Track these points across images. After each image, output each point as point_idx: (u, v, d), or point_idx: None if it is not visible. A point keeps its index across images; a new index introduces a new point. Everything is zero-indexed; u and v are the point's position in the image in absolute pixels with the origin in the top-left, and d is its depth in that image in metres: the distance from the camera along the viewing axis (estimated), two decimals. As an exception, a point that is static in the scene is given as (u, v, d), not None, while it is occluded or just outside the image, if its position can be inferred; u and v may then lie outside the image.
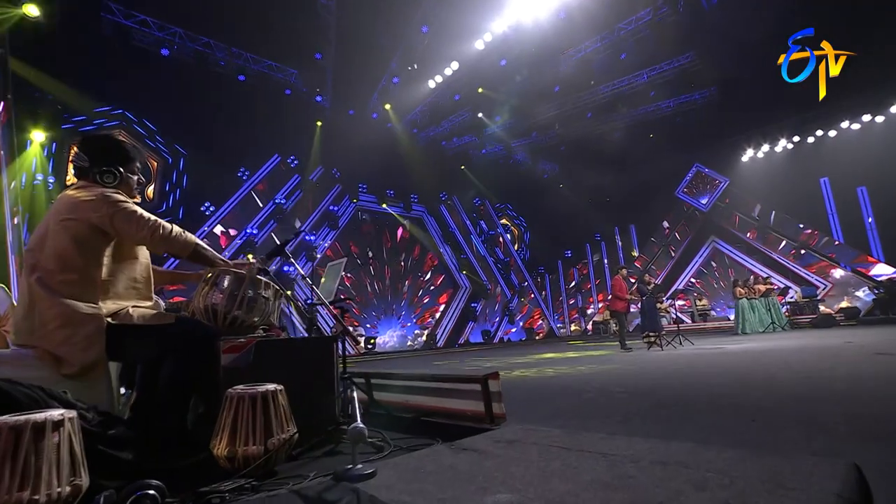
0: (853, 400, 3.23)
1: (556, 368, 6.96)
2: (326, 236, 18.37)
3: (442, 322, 20.86)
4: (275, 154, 16.81)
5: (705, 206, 21.38)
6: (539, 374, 6.28)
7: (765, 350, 7.47)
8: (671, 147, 20.27)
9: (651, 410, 3.41)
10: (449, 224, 22.06)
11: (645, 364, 6.79)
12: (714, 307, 20.47)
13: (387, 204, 20.33)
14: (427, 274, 21.28)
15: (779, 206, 19.19)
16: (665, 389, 4.35)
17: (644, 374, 5.60)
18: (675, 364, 6.40)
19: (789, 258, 18.86)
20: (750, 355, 6.82)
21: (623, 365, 6.89)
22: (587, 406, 3.71)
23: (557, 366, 7.42)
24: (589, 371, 6.34)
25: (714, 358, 6.81)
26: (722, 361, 6.24)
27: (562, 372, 6.40)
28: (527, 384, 5.39)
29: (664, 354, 8.31)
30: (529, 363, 8.41)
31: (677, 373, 5.46)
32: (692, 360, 6.69)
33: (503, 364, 8.62)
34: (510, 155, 22.20)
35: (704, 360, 6.68)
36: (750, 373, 4.97)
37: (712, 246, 21.31)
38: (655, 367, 6.31)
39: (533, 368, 7.21)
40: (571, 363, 7.85)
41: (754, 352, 7.35)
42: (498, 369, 6.53)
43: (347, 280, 18.70)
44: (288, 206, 17.06)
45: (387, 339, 19.76)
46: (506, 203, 25.45)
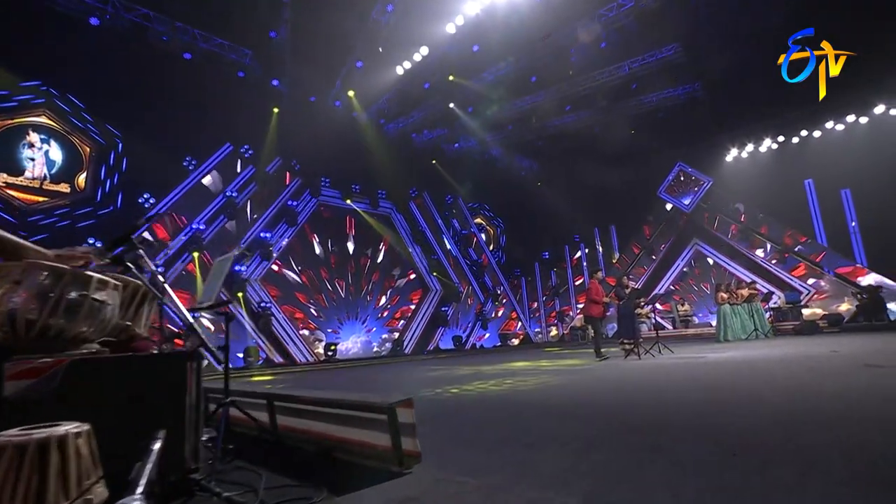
0: (846, 423, 2.87)
1: (522, 380, 6.53)
2: (284, 233, 17.64)
3: (410, 327, 20.32)
4: (226, 143, 16.01)
5: (688, 206, 21.41)
6: (499, 388, 5.83)
7: (748, 360, 7.20)
8: (653, 144, 20.23)
9: (617, 436, 2.98)
10: (419, 222, 21.55)
11: (619, 376, 6.42)
12: (696, 313, 20.44)
13: (351, 200, 19.69)
14: (395, 276, 20.72)
15: (763, 208, 19.29)
16: (637, 408, 3.95)
17: (616, 389, 5.21)
18: (650, 376, 6.04)
19: (773, 262, 18.94)
20: (732, 366, 6.52)
21: (595, 377, 6.51)
22: (543, 431, 3.26)
23: (524, 377, 7.00)
24: (556, 384, 5.92)
25: (693, 369, 6.48)
26: (701, 374, 5.90)
27: (525, 385, 5.97)
28: (481, 401, 4.93)
29: (640, 364, 8.00)
30: (494, 374, 7.98)
31: (652, 387, 5.08)
32: (670, 372, 6.35)
33: (465, 374, 8.16)
34: (485, 150, 21.82)
35: (683, 371, 6.34)
36: (732, 388, 4.61)
37: (695, 248, 21.38)
38: (629, 379, 5.94)
39: (495, 380, 6.77)
40: (540, 374, 7.44)
41: (736, 362, 7.06)
42: (454, 382, 6.03)
43: (304, 276, 18.00)
44: (241, 200, 16.28)
45: (350, 345, 19.11)
46: (481, 201, 25.05)
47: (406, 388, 6.86)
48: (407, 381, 8.23)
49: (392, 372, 10.83)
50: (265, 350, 16.00)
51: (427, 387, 6.71)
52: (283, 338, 16.75)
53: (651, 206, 22.42)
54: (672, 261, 21.69)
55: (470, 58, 15.47)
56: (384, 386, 7.71)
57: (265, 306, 16.27)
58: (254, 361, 15.17)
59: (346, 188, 19.62)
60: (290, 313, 17.26)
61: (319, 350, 17.47)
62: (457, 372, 9.14)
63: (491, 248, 25.65)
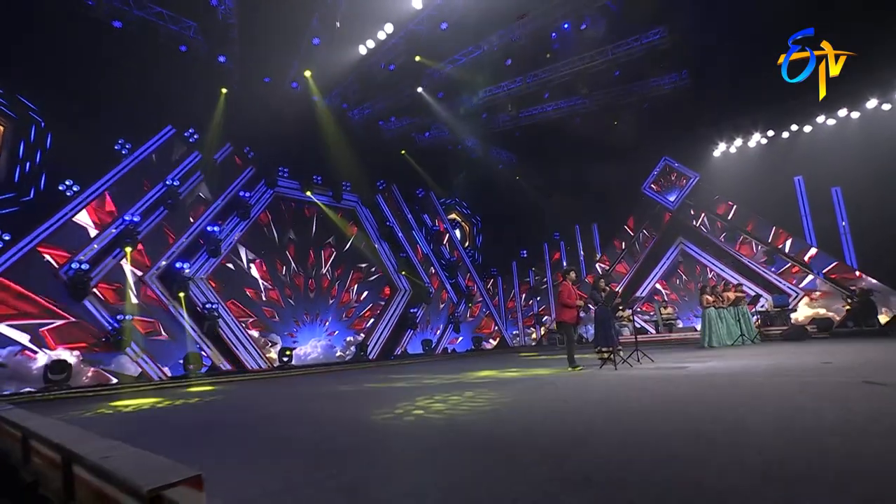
0: (858, 474, 2.22)
1: (472, 398, 5.83)
2: (235, 227, 16.69)
3: (376, 330, 19.56)
4: (167, 125, 14.98)
5: (673, 203, 21.06)
6: (441, 410, 5.12)
7: (732, 374, 6.64)
8: (637, 137, 19.78)
9: (560, 494, 2.28)
10: (387, 217, 20.76)
11: (587, 392, 5.79)
12: (680, 316, 20.10)
13: (312, 192, 18.82)
14: (360, 274, 19.92)
15: (751, 206, 19.00)
16: (594, 444, 3.28)
17: (578, 411, 4.57)
18: (620, 395, 5.41)
19: (760, 263, 18.69)
20: (715, 381, 5.95)
21: (559, 395, 5.86)
22: (459, 481, 2.55)
23: (479, 391, 6.30)
24: (511, 403, 5.24)
25: (670, 386, 5.88)
26: (679, 393, 5.30)
27: (472, 405, 5.27)
28: (405, 431, 4.22)
29: (615, 376, 7.42)
30: (446, 386, 7.27)
31: (620, 412, 4.44)
32: (644, 389, 5.73)
33: (416, 386, 7.43)
34: (458, 140, 21.11)
35: (659, 388, 5.73)
36: (712, 414, 3.97)
37: (679, 248, 21.05)
38: (597, 398, 5.30)
39: (441, 395, 6.05)
40: (499, 387, 6.77)
41: (720, 375, 6.50)
42: (395, 400, 5.28)
43: (258, 274, 17.10)
44: (184, 190, 15.28)
45: (309, 349, 18.29)
46: (455, 196, 24.37)
47: (331, 412, 6.13)
48: (345, 398, 7.51)
49: (342, 381, 10.06)
50: (210, 356, 15.10)
51: (361, 406, 5.98)
52: (231, 342, 15.85)
53: (635, 203, 22.01)
54: (656, 261, 21.34)
55: (439, 38, 14.74)
56: (304, 406, 6.96)
57: (211, 307, 15.34)
58: (195, 369, 14.27)
59: (307, 179, 18.75)
60: (240, 315, 16.39)
61: (272, 355, 16.61)
62: (409, 384, 8.41)
63: (466, 246, 25.03)
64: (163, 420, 6.35)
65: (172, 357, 14.32)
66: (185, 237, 15.34)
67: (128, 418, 6.72)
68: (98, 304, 12.70)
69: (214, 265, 16.03)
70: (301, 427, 4.92)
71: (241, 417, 6.08)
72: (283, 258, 17.81)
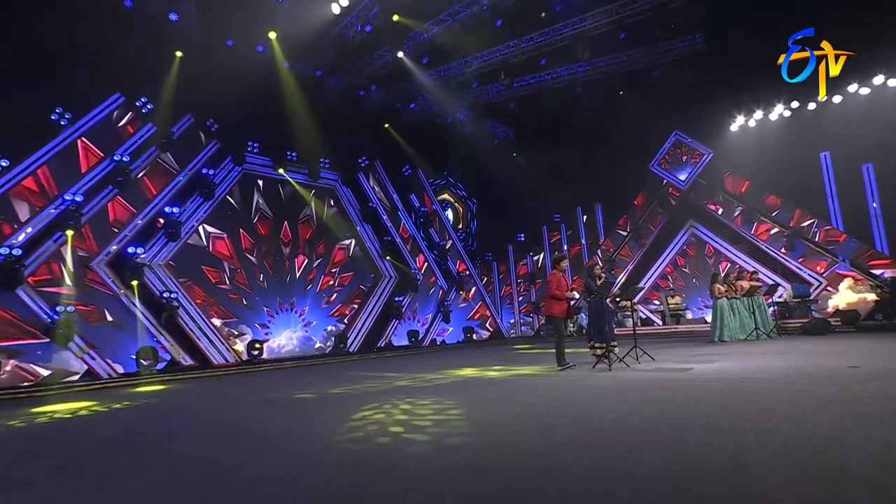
0: None
1: (426, 407, 5.06)
2: (198, 209, 15.87)
3: (357, 321, 18.83)
4: (115, 93, 14.06)
5: (684, 182, 20.14)
6: (391, 429, 4.33)
7: (742, 378, 5.94)
8: (645, 108, 18.76)
9: None
10: (369, 197, 19.90)
11: (566, 402, 5.13)
12: (690, 306, 19.42)
13: (285, 169, 17.95)
14: (340, 260, 19.16)
15: (771, 186, 18.08)
16: (549, 490, 2.49)
17: (545, 432, 3.91)
18: (605, 409, 4.69)
19: (780, 249, 17.88)
20: (720, 391, 5.24)
21: (531, 405, 5.16)
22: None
23: (442, 398, 5.53)
24: (476, 418, 4.46)
25: (667, 396, 5.16)
26: (675, 408, 4.59)
27: (416, 420, 4.48)
28: (334, 463, 3.45)
29: (607, 379, 6.74)
30: (417, 389, 6.52)
31: (596, 437, 3.69)
32: (635, 401, 5.02)
33: (378, 391, 6.66)
34: (447, 113, 20.14)
35: (653, 400, 5.01)
36: (711, 441, 3.17)
37: (690, 231, 20.22)
38: (576, 412, 4.64)
39: (405, 404, 5.28)
40: (468, 390, 6.11)
41: (728, 381, 5.82)
42: (348, 411, 4.48)
43: (225, 260, 16.35)
44: (136, 167, 14.42)
45: (283, 341, 17.66)
46: (447, 174, 23.48)
47: (264, 426, 5.40)
48: (296, 407, 6.80)
49: (306, 381, 9.33)
50: (169, 350, 14.40)
51: (303, 420, 5.25)
52: (194, 334, 15.15)
53: (642, 182, 21.12)
54: (664, 245, 20.53)
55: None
56: (242, 415, 6.23)
57: (170, 296, 14.59)
58: (151, 365, 13.59)
59: (280, 155, 17.89)
60: (204, 304, 15.68)
61: (239, 347, 15.94)
62: (378, 386, 7.65)
63: (461, 227, 24.23)
64: (68, 434, 5.64)
65: (125, 352, 13.64)
66: (140, 219, 14.53)
67: (24, 433, 5.98)
68: (35, 294, 11.94)
69: (174, 250, 15.25)
70: (217, 446, 4.34)
71: (161, 431, 5.43)
72: (253, 242, 17.02)
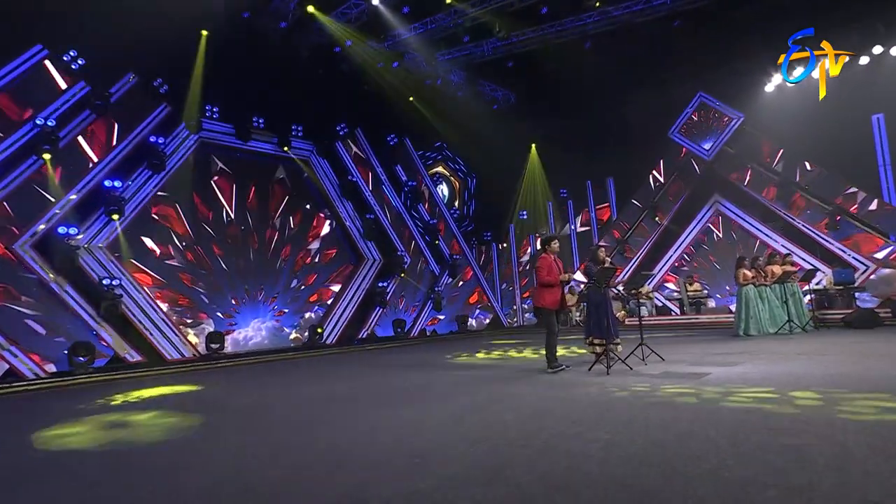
0: None
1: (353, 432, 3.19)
2: (146, 183, 14.10)
3: (335, 310, 17.13)
4: (35, 45, 12.15)
5: (709, 152, 18.15)
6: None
7: (770, 391, 4.73)
8: (665, 66, 17.04)
9: None
10: (349, 170, 17.95)
11: (538, 427, 4.06)
12: (713, 294, 17.68)
13: (251, 138, 16.03)
14: (315, 241, 17.39)
15: (812, 154, 16.20)
16: None
17: (491, 481, 2.88)
18: (582, 435, 3.57)
19: (820, 228, 15.97)
20: (740, 413, 4.14)
21: (494, 432, 3.87)
22: None
23: (393, 410, 3.60)
24: (389, 465, 2.63)
25: (670, 416, 3.76)
26: (676, 442, 3.31)
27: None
28: None
29: (600, 388, 5.68)
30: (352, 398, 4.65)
31: (557, 480, 2.57)
32: (624, 423, 3.85)
33: (305, 399, 4.79)
34: (438, 72, 17.92)
35: (648, 424, 3.75)
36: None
37: (715, 208, 18.22)
38: (544, 443, 3.61)
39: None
40: (433, 401, 5.21)
41: (748, 401, 4.53)
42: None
43: (185, 237, 14.66)
44: (66, 134, 12.61)
45: (251, 332, 16.14)
46: (441, 145, 21.40)
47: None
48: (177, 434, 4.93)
49: (243, 386, 7.50)
50: (111, 346, 12.83)
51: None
52: (144, 326, 13.54)
53: (660, 152, 19.17)
54: (684, 224, 18.62)
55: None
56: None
57: (111, 283, 12.93)
58: (88, 363, 11.98)
59: (243, 121, 15.97)
60: (156, 293, 14.06)
61: (193, 338, 14.38)
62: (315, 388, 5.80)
63: (456, 204, 22.24)
64: None
65: (57, 348, 12.08)
66: (73, 194, 12.79)
67: None
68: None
69: (118, 230, 13.55)
70: None
71: None
72: (215, 222, 15.30)
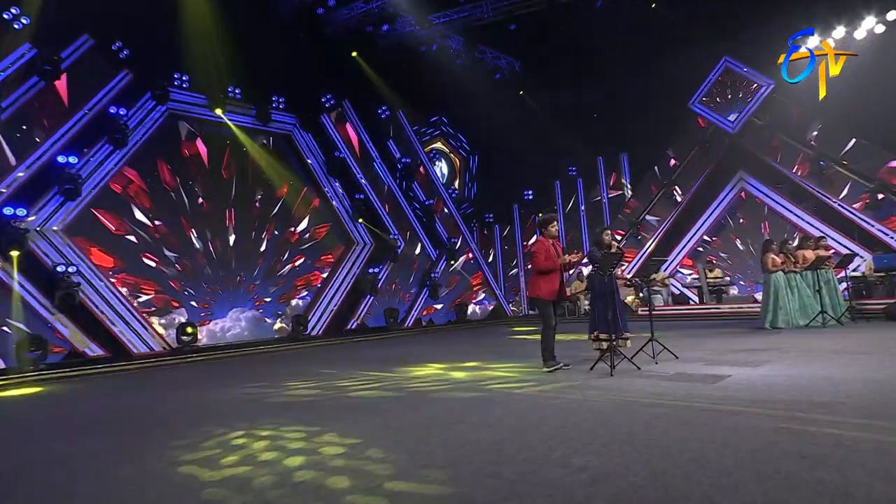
0: None
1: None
2: (107, 159, 12.82)
3: (322, 298, 15.92)
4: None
5: (733, 124, 16.72)
6: None
7: (801, 398, 4.13)
8: (685, 28, 15.66)
9: None
10: (337, 145, 16.58)
11: (517, 447, 3.33)
12: (736, 281, 16.50)
13: (225, 110, 14.67)
14: (300, 223, 16.14)
15: (852, 126, 14.91)
16: None
17: None
18: (566, 459, 3.03)
19: (859, 208, 14.70)
20: (764, 432, 3.31)
21: (463, 454, 3.34)
22: None
23: (352, 424, 3.49)
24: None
25: (679, 432, 3.17)
26: (680, 473, 2.64)
27: None
28: None
29: (600, 393, 5.05)
30: (316, 405, 4.27)
31: None
32: (622, 441, 3.27)
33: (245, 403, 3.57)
34: (434, 38, 16.37)
35: (649, 444, 3.13)
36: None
37: (740, 185, 16.83)
38: (517, 473, 2.84)
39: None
40: (402, 411, 4.77)
41: (776, 408, 3.90)
42: None
43: (150, 224, 13.46)
44: (9, 105, 11.27)
45: (229, 323, 14.98)
46: (440, 119, 19.95)
47: None
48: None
49: (197, 386, 6.24)
50: (67, 339, 11.68)
51: None
52: (106, 317, 12.38)
53: (680, 125, 17.82)
54: (705, 204, 17.28)
55: None
56: None
57: (67, 270, 11.73)
58: (39, 359, 10.84)
59: (218, 91, 14.61)
60: (122, 281, 12.91)
61: (159, 328, 13.25)
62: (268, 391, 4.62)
63: (456, 185, 20.83)
64: None
65: (4, 343, 10.94)
66: (21, 171, 11.51)
67: None
68: None
69: (75, 211, 12.32)
70: None
71: None
72: (187, 200, 14.09)
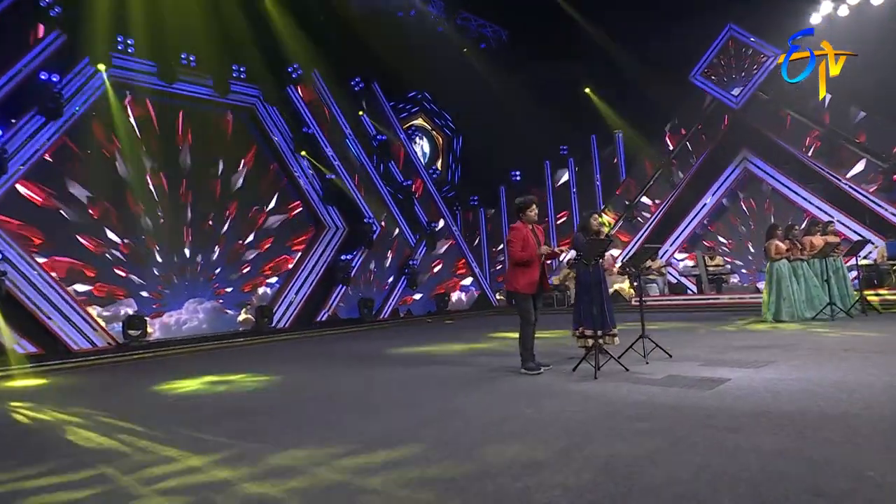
0: None
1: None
2: (39, 132, 11.52)
3: (289, 288, 14.81)
4: None
5: (737, 99, 15.80)
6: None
7: (809, 407, 3.71)
8: None
9: None
10: (305, 120, 15.33)
11: (469, 481, 2.69)
12: (737, 270, 15.73)
13: (178, 79, 13.35)
14: (265, 205, 15.00)
15: (866, 100, 14.16)
16: None
17: None
18: (532, 492, 2.52)
19: (871, 190, 13.87)
20: (769, 451, 2.85)
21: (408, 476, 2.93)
22: None
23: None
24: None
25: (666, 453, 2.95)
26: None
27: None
28: None
29: (580, 401, 4.33)
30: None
31: None
32: (595, 469, 2.88)
33: None
34: (411, 3, 15.04)
35: (630, 474, 2.76)
36: None
37: (743, 166, 15.90)
38: None
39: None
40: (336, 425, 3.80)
41: (782, 420, 3.30)
42: None
43: (91, 206, 12.30)
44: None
45: (185, 315, 13.93)
46: (421, 95, 18.77)
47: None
48: None
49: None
50: (-7, 336, 10.49)
51: None
52: (41, 310, 11.20)
53: (680, 101, 16.91)
54: (705, 186, 16.40)
55: None
56: None
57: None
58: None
59: (169, 59, 13.27)
60: (59, 268, 11.74)
61: (99, 320, 12.12)
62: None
63: (438, 165, 19.67)
64: None
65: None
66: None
67: None
68: None
69: (1, 189, 11.04)
70: None
71: None
72: (137, 187, 12.91)
